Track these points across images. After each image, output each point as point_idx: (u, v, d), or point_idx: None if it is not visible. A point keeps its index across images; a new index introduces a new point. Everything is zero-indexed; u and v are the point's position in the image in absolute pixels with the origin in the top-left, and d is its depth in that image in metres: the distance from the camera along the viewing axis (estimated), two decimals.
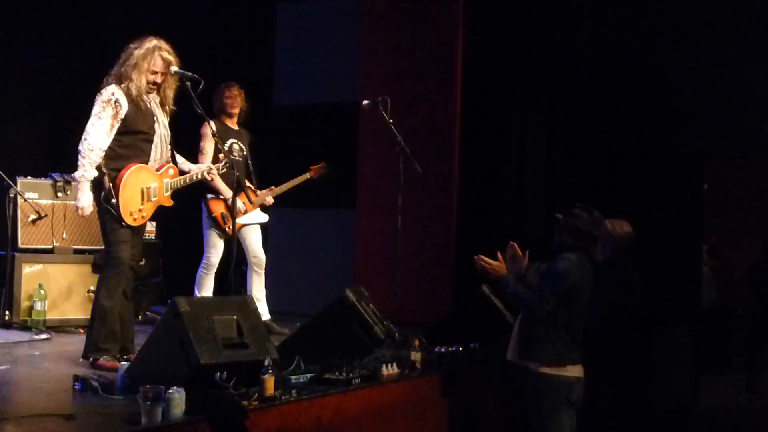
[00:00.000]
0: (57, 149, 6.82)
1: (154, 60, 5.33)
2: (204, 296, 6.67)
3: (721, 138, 8.15)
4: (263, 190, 7.00)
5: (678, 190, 8.05)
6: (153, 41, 5.36)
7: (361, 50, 8.73)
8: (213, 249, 6.80)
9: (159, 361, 4.34)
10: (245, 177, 6.84)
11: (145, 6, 9.17)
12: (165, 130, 5.50)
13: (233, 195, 5.57)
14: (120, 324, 5.38)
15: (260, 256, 6.95)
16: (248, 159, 6.95)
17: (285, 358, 4.76)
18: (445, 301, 7.87)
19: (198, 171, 5.70)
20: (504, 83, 8.24)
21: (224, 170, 5.89)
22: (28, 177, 7.18)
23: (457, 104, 8.27)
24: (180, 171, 5.63)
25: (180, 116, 5.67)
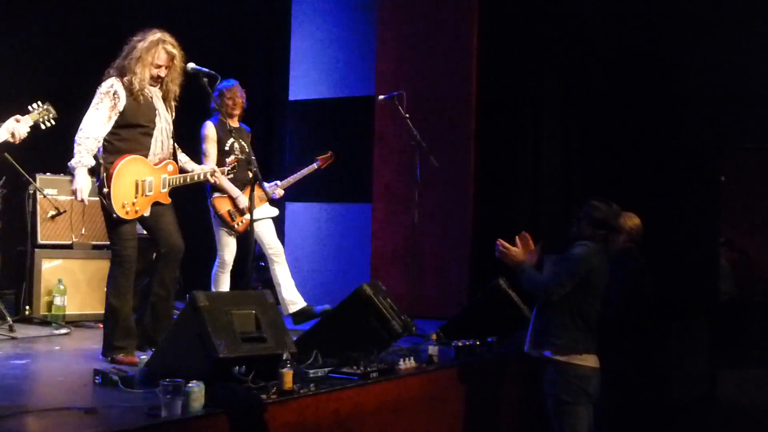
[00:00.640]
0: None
1: (158, 53, 5.29)
2: (222, 291, 6.68)
3: (738, 129, 8.10)
4: (269, 186, 6.91)
5: (694, 182, 8.02)
6: (157, 34, 5.31)
7: (377, 45, 8.74)
8: (226, 247, 6.76)
9: (178, 355, 4.36)
10: (247, 175, 6.79)
11: (161, 4, 9.20)
12: (166, 124, 5.44)
13: (251, 192, 5.54)
14: (153, 317, 5.38)
15: (276, 246, 6.86)
16: (251, 155, 6.89)
17: (303, 352, 4.78)
18: (462, 295, 7.88)
19: (201, 172, 5.62)
20: (519, 76, 8.24)
21: (231, 175, 5.84)
22: (47, 173, 7.24)
23: (473, 98, 8.26)
24: (181, 169, 5.55)
25: (183, 114, 5.66)
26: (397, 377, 5.02)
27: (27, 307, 6.94)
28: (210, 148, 6.65)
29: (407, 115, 6.82)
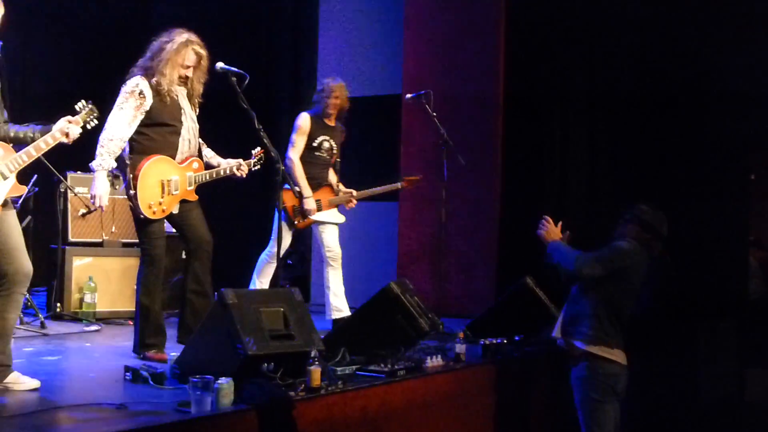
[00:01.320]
0: None
1: (187, 54, 5.33)
2: (259, 285, 6.63)
3: None
4: (344, 192, 6.85)
5: (723, 180, 7.96)
6: (184, 35, 5.35)
7: (404, 43, 8.75)
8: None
9: (208, 352, 4.41)
10: (328, 176, 6.81)
11: (190, 3, 9.27)
12: (193, 123, 5.49)
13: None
14: (192, 312, 5.42)
15: (336, 250, 6.77)
16: (337, 158, 6.83)
17: (330, 350, 4.80)
18: (489, 294, 7.87)
19: (227, 167, 5.62)
20: (546, 74, 8.21)
21: (257, 166, 5.80)
22: (78, 172, 7.30)
23: (500, 96, 8.25)
24: (207, 165, 5.59)
25: (223, 111, 5.70)
26: (425, 375, 5.03)
27: (58, 305, 7.02)
28: (298, 140, 6.63)
29: (434, 114, 6.82)
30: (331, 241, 6.78)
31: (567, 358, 5.05)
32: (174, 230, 5.66)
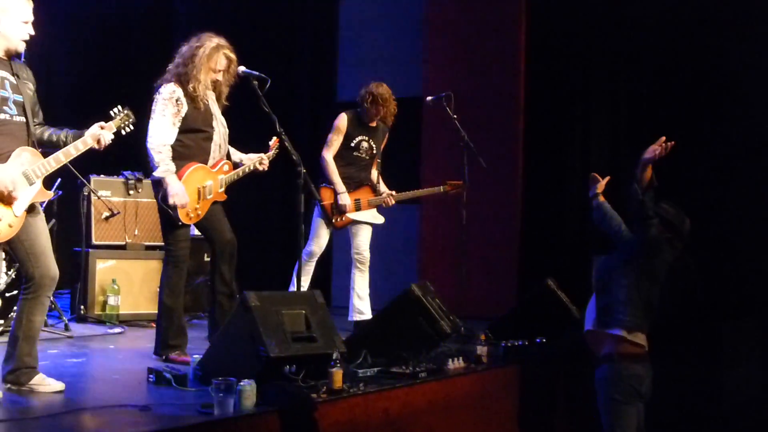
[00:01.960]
0: (129, 148, 6.97)
1: (219, 59, 5.37)
2: (301, 285, 6.64)
3: None
4: (384, 193, 6.83)
5: (748, 178, 7.89)
6: (214, 40, 5.39)
7: (424, 46, 8.75)
8: (318, 238, 6.66)
9: (230, 354, 4.43)
10: (369, 176, 6.83)
11: (211, 6, 9.32)
12: (223, 128, 5.55)
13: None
14: (221, 313, 5.42)
15: (364, 254, 6.79)
16: (377, 158, 6.84)
17: (352, 352, 4.81)
18: (511, 295, 7.85)
19: (250, 162, 5.65)
20: (568, 72, 8.18)
21: (273, 157, 5.80)
22: (101, 175, 7.36)
23: (521, 98, 8.24)
24: (234, 164, 5.64)
25: (245, 114, 5.74)
26: (446, 377, 5.04)
27: (82, 307, 7.07)
28: (334, 139, 6.65)
29: (455, 116, 6.81)
30: (362, 244, 6.80)
31: (590, 359, 5.04)
32: (197, 232, 5.70)
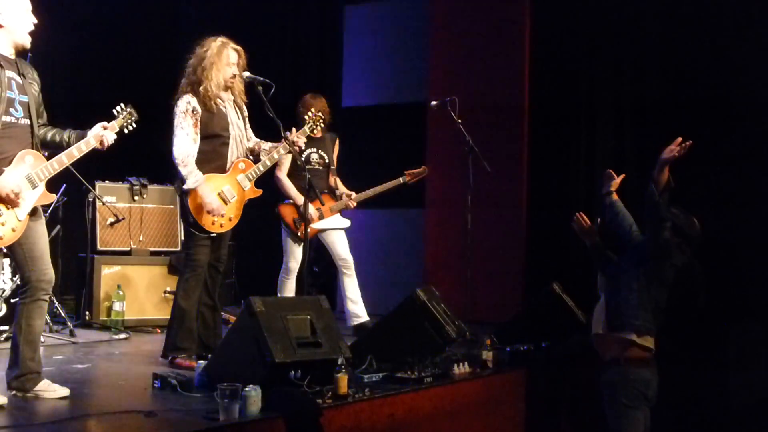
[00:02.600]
0: (134, 154, 6.99)
1: (228, 53, 5.43)
2: (280, 297, 6.75)
3: None
4: (345, 195, 6.95)
5: (753, 181, 7.87)
6: (217, 38, 5.46)
7: (429, 51, 8.75)
8: (291, 255, 6.84)
9: (235, 360, 4.42)
10: (326, 184, 6.91)
11: (216, 11, 9.34)
12: (239, 131, 5.56)
13: (305, 201, 5.60)
14: (203, 325, 5.51)
15: (347, 258, 6.92)
16: (330, 166, 6.95)
17: (357, 357, 4.81)
18: (516, 300, 7.84)
19: (274, 152, 5.62)
20: (572, 78, 8.18)
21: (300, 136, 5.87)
22: (106, 181, 7.38)
23: (525, 103, 8.24)
24: (258, 157, 5.64)
25: (250, 119, 5.73)
26: (452, 382, 5.03)
27: (87, 313, 7.08)
28: (283, 159, 6.69)
29: (459, 121, 6.81)
30: (340, 249, 6.93)
31: (596, 363, 5.03)
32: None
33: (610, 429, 4.90)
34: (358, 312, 6.89)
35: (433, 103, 7.18)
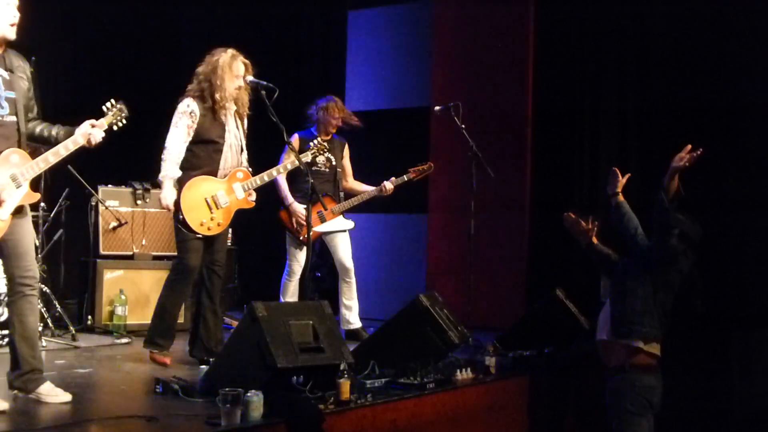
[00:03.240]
0: (136, 158, 6.99)
1: (238, 65, 5.54)
2: (283, 301, 6.77)
3: None
4: (365, 191, 7.04)
5: (759, 186, 7.85)
6: (227, 50, 5.57)
7: (433, 55, 8.75)
8: (293, 258, 6.91)
9: (237, 365, 4.41)
10: (331, 187, 6.95)
11: (219, 15, 9.33)
12: (235, 140, 5.65)
13: (307, 206, 5.64)
14: (205, 329, 5.56)
15: (347, 264, 6.97)
16: (337, 169, 6.98)
17: (360, 363, 4.79)
18: (519, 306, 7.83)
19: (277, 168, 5.82)
20: (576, 84, 8.17)
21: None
22: (109, 185, 7.37)
23: (529, 108, 8.23)
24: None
25: (253, 123, 5.78)
26: (455, 388, 5.02)
27: (89, 317, 7.07)
28: (285, 159, 6.70)
29: (463, 126, 6.81)
30: (342, 254, 6.96)
31: (600, 370, 5.01)
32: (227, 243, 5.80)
33: None
34: (351, 319, 6.98)
35: (437, 108, 7.19)
